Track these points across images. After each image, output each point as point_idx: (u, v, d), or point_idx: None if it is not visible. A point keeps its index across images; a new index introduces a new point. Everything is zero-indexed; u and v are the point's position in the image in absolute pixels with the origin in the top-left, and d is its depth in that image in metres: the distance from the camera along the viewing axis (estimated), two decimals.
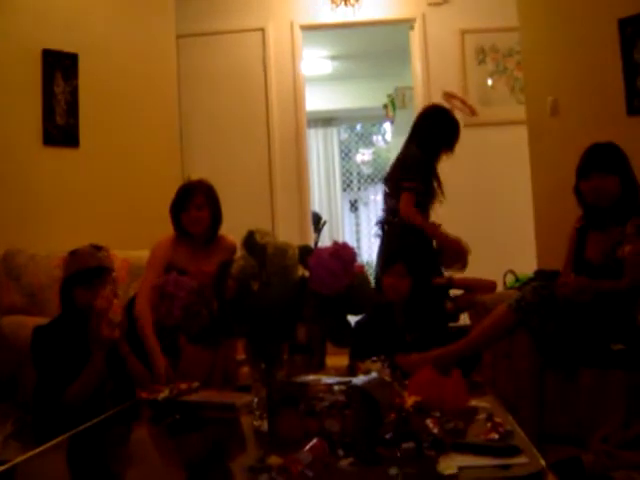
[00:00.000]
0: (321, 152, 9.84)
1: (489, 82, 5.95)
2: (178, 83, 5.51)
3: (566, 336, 2.86)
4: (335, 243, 1.93)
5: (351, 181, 10.46)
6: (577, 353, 2.84)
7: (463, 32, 5.96)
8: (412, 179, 3.89)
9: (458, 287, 3.74)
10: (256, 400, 2.11)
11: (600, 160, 3.06)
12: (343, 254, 1.84)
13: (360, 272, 1.95)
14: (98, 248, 2.91)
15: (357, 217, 10.45)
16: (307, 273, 1.93)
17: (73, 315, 2.83)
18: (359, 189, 10.51)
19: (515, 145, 5.17)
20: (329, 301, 1.89)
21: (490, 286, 3.74)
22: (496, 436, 1.84)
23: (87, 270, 2.83)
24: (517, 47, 5.33)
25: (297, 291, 1.92)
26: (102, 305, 2.65)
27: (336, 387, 2.02)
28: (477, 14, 5.93)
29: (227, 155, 5.90)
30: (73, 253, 2.90)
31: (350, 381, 1.95)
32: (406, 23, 6.14)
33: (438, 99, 5.90)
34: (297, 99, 6.06)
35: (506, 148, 5.65)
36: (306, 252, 1.97)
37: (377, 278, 3.76)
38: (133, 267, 4.02)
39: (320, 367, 2.80)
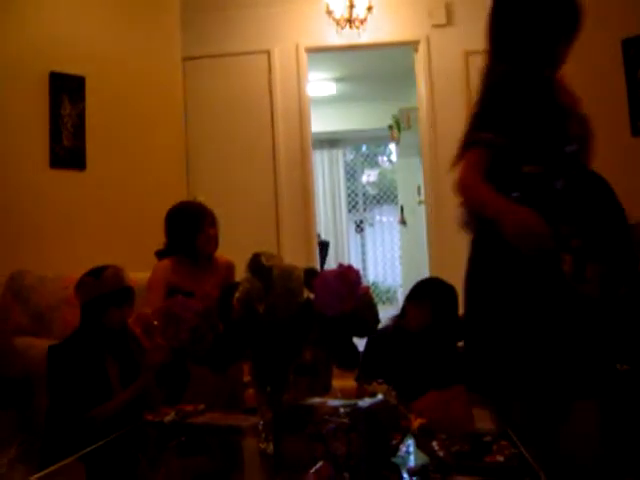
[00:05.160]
0: (326, 173, 9.88)
1: None
2: (184, 105, 5.55)
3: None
4: (340, 265, 1.94)
5: (357, 202, 10.49)
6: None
7: (467, 53, 5.98)
8: (489, 126, 2.21)
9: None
10: (262, 423, 2.11)
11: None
12: (348, 276, 1.85)
13: (365, 294, 1.95)
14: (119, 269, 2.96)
15: (363, 238, 10.46)
16: (312, 295, 1.93)
17: (92, 333, 2.86)
18: (365, 210, 10.53)
19: None
20: (334, 323, 1.89)
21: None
22: (502, 458, 1.83)
23: (122, 289, 2.88)
24: None
25: (302, 313, 1.93)
26: (138, 325, 2.68)
27: (342, 410, 2.01)
28: (481, 35, 5.94)
29: (233, 177, 5.91)
30: (98, 273, 2.92)
31: (356, 404, 1.94)
32: (410, 45, 6.17)
33: (443, 121, 5.93)
34: (302, 121, 6.08)
35: None
36: (311, 274, 1.97)
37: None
38: (141, 289, 4.03)
39: (326, 390, 2.79)
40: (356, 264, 1.95)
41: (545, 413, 2.17)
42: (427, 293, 3.38)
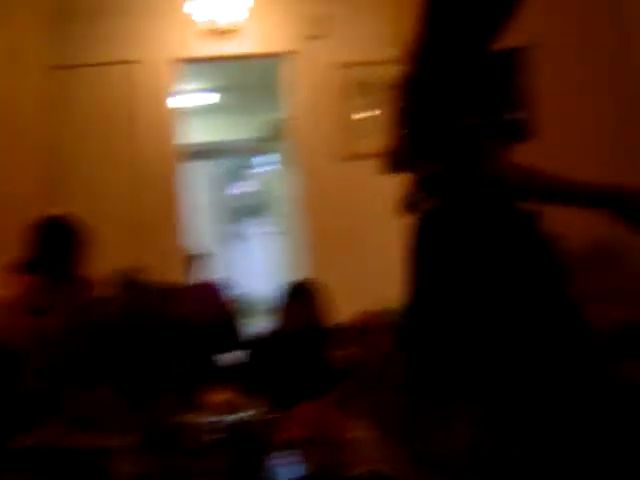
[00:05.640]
0: (201, 185, 9.76)
1: (365, 115, 6.06)
2: (54, 115, 5.36)
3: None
4: (207, 278, 1.90)
5: (231, 214, 10.42)
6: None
7: (340, 65, 6.05)
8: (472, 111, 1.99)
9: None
10: (130, 442, 2.04)
11: None
12: (212, 288, 1.81)
13: (230, 306, 1.92)
14: None
15: (240, 249, 10.40)
16: (179, 310, 1.89)
17: None
18: (242, 221, 10.48)
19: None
20: (201, 337, 1.85)
21: None
22: (368, 468, 1.84)
23: None
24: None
25: (168, 328, 1.88)
26: None
27: (212, 425, 1.97)
28: (354, 48, 6.04)
29: (99, 192, 5.72)
30: None
31: (227, 419, 1.91)
32: (284, 56, 6.18)
33: (316, 131, 5.98)
34: (172, 132, 5.97)
35: (386, 179, 5.74)
36: (178, 289, 1.92)
37: None
38: None
39: (194, 405, 2.74)
40: (233, 275, 1.92)
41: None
42: (306, 292, 3.42)
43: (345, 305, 3.96)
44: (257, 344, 3.20)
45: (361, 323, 3.59)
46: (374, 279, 5.38)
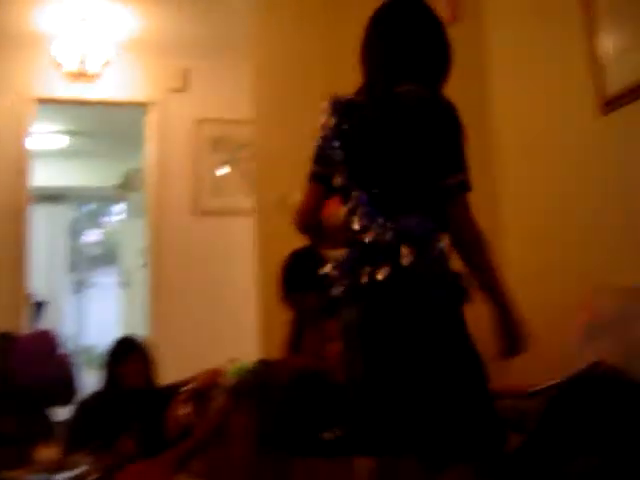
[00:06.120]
0: (48, 230, 9.41)
1: (222, 171, 6.08)
2: None
3: (277, 422, 2.89)
4: (46, 327, 1.82)
5: (78, 262, 10.10)
6: (286, 441, 2.87)
7: (199, 121, 6.07)
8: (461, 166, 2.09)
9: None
10: None
11: None
12: (50, 339, 1.74)
13: (64, 359, 1.85)
14: None
15: (83, 299, 10.06)
16: (12, 359, 1.79)
17: None
18: (86, 270, 10.17)
19: (244, 235, 5.29)
20: (33, 390, 1.76)
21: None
22: None
23: None
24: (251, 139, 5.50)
25: None
26: None
27: None
28: (215, 104, 6.08)
29: None
30: None
31: (52, 477, 1.82)
32: (144, 106, 6.13)
33: (169, 184, 5.94)
34: (22, 174, 5.73)
35: (235, 237, 5.76)
36: (6, 339, 1.83)
37: None
38: None
39: (25, 461, 2.59)
40: (75, 325, 1.85)
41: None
42: (134, 349, 3.38)
43: (183, 362, 3.90)
44: (86, 400, 3.10)
45: (201, 381, 3.54)
46: (217, 336, 5.35)
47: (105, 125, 7.69)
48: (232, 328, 5.50)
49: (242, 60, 4.88)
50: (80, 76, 5.71)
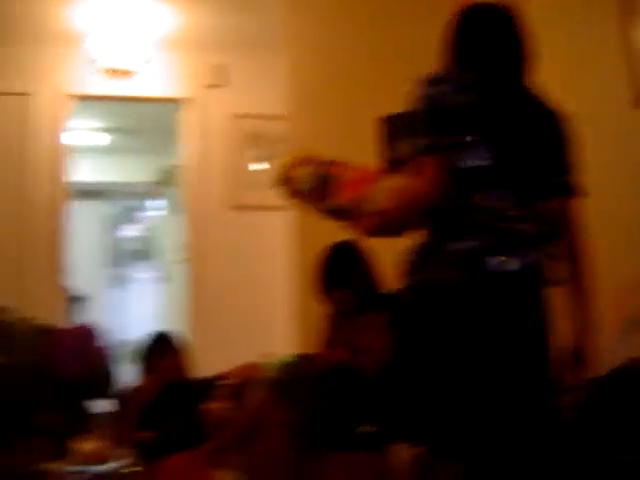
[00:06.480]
0: (88, 226, 9.54)
1: (258, 167, 6.09)
2: None
3: (314, 416, 2.91)
4: (85, 322, 1.84)
5: (118, 257, 10.21)
6: (322, 434, 2.89)
7: (236, 116, 6.09)
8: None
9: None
10: None
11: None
12: (89, 333, 1.76)
13: (103, 353, 1.87)
14: None
15: (123, 293, 10.17)
16: (51, 353, 1.82)
17: None
18: (126, 265, 10.28)
19: (282, 229, 5.29)
20: (72, 383, 1.79)
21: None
22: None
23: None
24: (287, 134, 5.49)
25: (34, 372, 1.80)
26: None
27: (78, 475, 1.90)
28: (252, 100, 6.10)
29: None
30: None
31: (92, 469, 1.84)
32: (182, 102, 6.17)
33: (208, 179, 5.98)
34: (59, 170, 5.80)
35: (273, 232, 5.76)
36: (53, 331, 1.86)
37: None
38: None
39: (64, 453, 2.63)
40: (114, 320, 1.87)
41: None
42: (169, 344, 3.42)
43: (221, 356, 3.92)
44: (127, 394, 3.13)
45: (238, 376, 3.56)
46: (254, 331, 5.37)
47: (144, 122, 7.77)
48: (269, 322, 5.52)
49: (278, 56, 4.88)
50: (117, 73, 5.74)
